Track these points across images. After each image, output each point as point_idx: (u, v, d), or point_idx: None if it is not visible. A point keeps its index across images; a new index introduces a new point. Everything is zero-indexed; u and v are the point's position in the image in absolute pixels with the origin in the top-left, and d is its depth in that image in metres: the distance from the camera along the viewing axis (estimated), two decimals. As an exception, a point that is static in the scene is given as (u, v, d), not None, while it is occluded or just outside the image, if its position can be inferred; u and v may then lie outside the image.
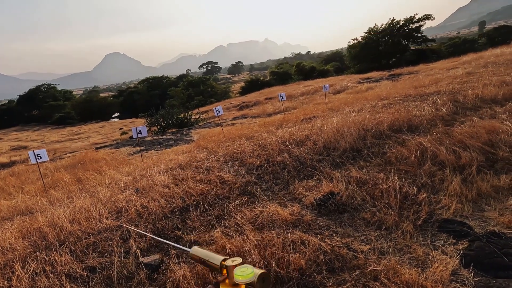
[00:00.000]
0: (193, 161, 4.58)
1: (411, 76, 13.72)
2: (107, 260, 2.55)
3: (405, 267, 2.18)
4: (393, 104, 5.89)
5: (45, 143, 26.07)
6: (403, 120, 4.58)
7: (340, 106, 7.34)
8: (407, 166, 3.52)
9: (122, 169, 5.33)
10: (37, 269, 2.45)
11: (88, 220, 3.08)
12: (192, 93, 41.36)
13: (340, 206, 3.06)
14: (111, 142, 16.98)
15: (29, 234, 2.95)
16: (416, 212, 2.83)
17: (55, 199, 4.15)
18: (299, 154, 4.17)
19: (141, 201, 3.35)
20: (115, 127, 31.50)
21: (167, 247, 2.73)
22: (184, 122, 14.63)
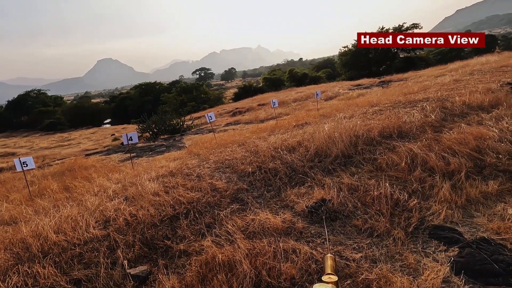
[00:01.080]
0: (184, 168, 4.53)
1: (400, 83, 13.96)
2: (93, 272, 2.47)
3: (396, 275, 2.17)
4: (384, 111, 5.96)
5: (34, 149, 25.50)
6: (393, 127, 4.62)
7: (331, 113, 7.39)
8: (397, 172, 3.53)
9: (112, 177, 5.23)
10: (18, 282, 2.35)
11: (74, 230, 2.99)
12: (185, 99, 41.22)
13: (332, 213, 3.04)
14: (102, 148, 16.72)
15: (12, 246, 2.84)
16: (407, 219, 2.83)
17: (40, 208, 4.03)
18: (291, 161, 4.16)
19: (130, 210, 3.28)
20: (106, 133, 31.08)
21: (156, 257, 2.66)
22: (176, 128, 14.52)
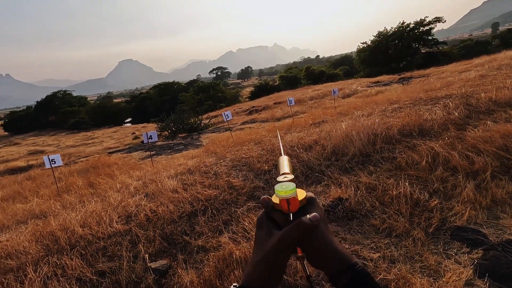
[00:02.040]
0: (202, 166, 4.62)
1: (421, 79, 13.50)
2: (116, 265, 2.58)
3: (416, 276, 2.12)
4: (404, 108, 5.79)
5: (61, 147, 26.77)
6: (413, 124, 4.49)
7: (349, 110, 7.27)
8: (418, 172, 3.44)
9: (133, 174, 5.42)
10: (48, 272, 2.50)
11: (98, 224, 3.14)
12: (202, 98, 41.78)
13: (349, 212, 3.02)
14: (123, 146, 17.29)
15: (42, 238, 3.02)
16: (427, 219, 2.76)
17: (67, 203, 4.25)
18: (307, 159, 4.14)
19: (150, 206, 3.39)
20: (127, 132, 32.10)
21: (175, 252, 2.75)
22: (194, 127, 14.78)
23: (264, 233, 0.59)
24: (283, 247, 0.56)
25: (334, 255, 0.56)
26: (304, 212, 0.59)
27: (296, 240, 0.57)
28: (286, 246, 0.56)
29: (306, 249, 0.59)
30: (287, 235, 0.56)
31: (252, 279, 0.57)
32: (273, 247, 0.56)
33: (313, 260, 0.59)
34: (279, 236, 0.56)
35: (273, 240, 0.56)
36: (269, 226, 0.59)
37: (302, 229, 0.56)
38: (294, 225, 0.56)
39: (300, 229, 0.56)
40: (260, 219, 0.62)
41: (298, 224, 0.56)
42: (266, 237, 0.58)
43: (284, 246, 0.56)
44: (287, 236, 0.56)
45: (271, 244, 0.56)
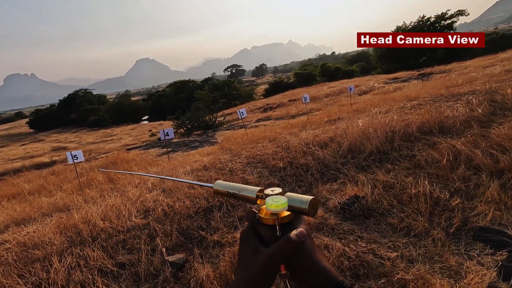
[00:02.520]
0: (217, 162, 4.67)
1: (442, 75, 13.02)
2: (135, 257, 2.66)
3: (436, 277, 2.07)
4: (423, 105, 5.62)
5: (82, 144, 27.78)
6: (434, 122, 4.35)
7: (366, 107, 7.12)
8: (438, 170, 3.34)
9: (150, 170, 5.55)
10: (72, 263, 2.61)
11: (118, 218, 3.24)
12: (217, 96, 42.10)
13: (366, 211, 2.97)
14: (141, 143, 17.73)
15: (66, 230, 3.15)
16: (448, 219, 2.68)
17: (89, 197, 4.41)
18: (323, 157, 4.10)
19: (167, 201, 3.47)
20: (144, 129, 32.86)
21: (192, 247, 2.80)
22: (209, 124, 14.93)
23: (250, 250, 0.55)
24: (271, 267, 0.53)
25: (320, 273, 0.54)
26: (290, 227, 0.57)
27: (284, 258, 0.54)
28: (274, 264, 0.53)
29: (291, 267, 0.56)
30: (275, 253, 0.53)
31: None
32: (260, 267, 0.53)
33: (298, 278, 0.56)
34: (267, 255, 0.53)
35: (261, 259, 0.53)
36: (256, 242, 0.56)
37: (290, 246, 0.53)
38: (282, 243, 0.53)
39: (288, 247, 0.53)
40: (245, 234, 0.58)
41: (286, 241, 0.53)
42: (252, 255, 0.54)
43: (271, 265, 0.53)
44: (274, 255, 0.53)
45: (258, 263, 0.53)
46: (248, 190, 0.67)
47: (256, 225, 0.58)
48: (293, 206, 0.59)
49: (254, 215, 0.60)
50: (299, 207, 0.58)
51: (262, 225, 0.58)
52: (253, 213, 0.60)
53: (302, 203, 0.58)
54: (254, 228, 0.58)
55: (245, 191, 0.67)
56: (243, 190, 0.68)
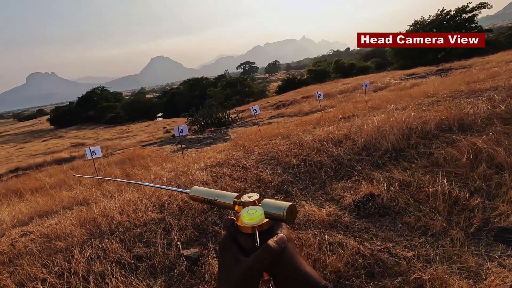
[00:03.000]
0: (230, 159, 4.70)
1: (463, 70, 12.56)
2: (151, 250, 2.74)
3: (454, 278, 2.02)
4: (442, 102, 5.45)
5: (99, 140, 28.60)
6: (453, 119, 4.22)
7: (381, 104, 6.98)
8: (457, 169, 3.24)
9: (165, 166, 5.66)
10: (92, 254, 2.71)
11: (135, 212, 3.33)
12: (230, 93, 42.28)
13: (381, 209, 2.93)
14: (155, 140, 18.07)
15: (86, 223, 3.27)
16: (467, 219, 2.60)
17: (107, 192, 4.55)
18: (337, 154, 4.06)
19: (182, 196, 3.53)
20: (159, 126, 33.45)
21: (206, 241, 2.85)
22: (222, 121, 15.03)
23: (230, 259, 0.54)
24: (252, 276, 0.52)
25: (303, 279, 0.53)
26: (270, 233, 0.56)
27: (265, 267, 0.53)
28: (254, 274, 0.52)
29: (273, 273, 0.55)
30: (255, 263, 0.52)
31: None
32: (241, 276, 0.52)
33: (281, 284, 0.55)
34: (246, 265, 0.52)
35: (240, 269, 0.52)
36: (235, 251, 0.55)
37: (270, 255, 0.52)
38: (262, 251, 0.52)
39: (268, 255, 0.52)
40: (224, 243, 0.57)
41: (266, 249, 0.52)
42: (232, 264, 0.53)
43: (252, 274, 0.52)
44: (255, 264, 0.52)
45: (238, 273, 0.52)
46: (225, 196, 0.66)
47: (234, 234, 0.57)
48: (270, 213, 0.57)
49: (232, 223, 0.58)
50: (276, 214, 0.57)
51: (240, 233, 0.57)
52: (231, 220, 0.59)
53: (279, 210, 0.57)
54: (232, 236, 0.57)
55: (222, 198, 0.66)
56: (220, 197, 0.66)
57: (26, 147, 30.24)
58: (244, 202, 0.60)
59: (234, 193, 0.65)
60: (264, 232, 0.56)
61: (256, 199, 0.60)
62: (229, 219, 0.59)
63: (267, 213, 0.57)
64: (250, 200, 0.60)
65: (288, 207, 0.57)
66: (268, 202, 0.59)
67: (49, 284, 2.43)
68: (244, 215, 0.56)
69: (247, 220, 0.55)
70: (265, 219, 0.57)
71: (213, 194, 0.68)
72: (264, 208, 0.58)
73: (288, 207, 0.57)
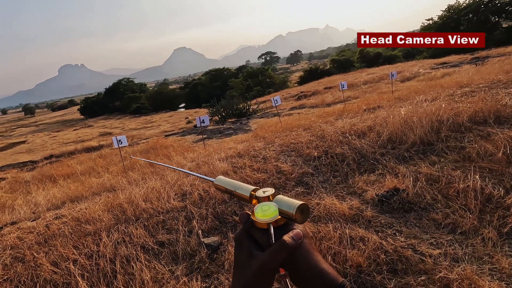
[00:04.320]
0: (251, 150, 4.71)
1: (501, 58, 11.66)
2: (173, 237, 2.82)
3: (484, 279, 1.92)
4: (476, 92, 5.10)
5: (125, 130, 29.73)
6: (488, 111, 3.93)
7: (409, 95, 6.66)
8: (491, 164, 3.03)
9: (187, 155, 5.78)
10: (118, 238, 2.84)
11: (158, 200, 3.44)
12: (251, 84, 42.16)
13: (406, 204, 2.82)
14: (178, 130, 18.49)
15: (112, 208, 3.43)
16: (501, 218, 2.44)
17: (132, 180, 4.73)
18: (360, 146, 3.94)
19: (203, 186, 3.60)
20: (181, 117, 34.16)
21: (226, 231, 2.89)
22: (243, 112, 15.07)
23: (245, 254, 0.54)
24: (267, 271, 0.52)
25: (320, 275, 0.52)
26: (286, 229, 0.55)
27: (279, 263, 0.53)
28: (269, 269, 0.52)
29: (289, 268, 0.54)
30: (270, 259, 0.51)
31: None
32: (256, 272, 0.51)
33: (297, 280, 0.54)
34: (261, 261, 0.52)
35: (255, 264, 0.52)
36: (250, 246, 0.54)
37: (285, 251, 0.52)
38: (277, 247, 0.52)
39: (283, 251, 0.52)
40: (239, 238, 0.57)
41: (281, 245, 0.52)
42: (247, 259, 0.53)
43: (267, 270, 0.52)
44: (270, 260, 0.51)
45: (253, 268, 0.51)
46: (243, 188, 0.65)
47: (250, 228, 0.56)
48: (281, 211, 0.56)
49: (248, 218, 0.58)
50: (286, 212, 0.55)
51: (256, 228, 0.56)
52: (247, 215, 0.58)
53: (289, 208, 0.55)
54: (248, 231, 0.56)
55: (240, 190, 0.65)
56: (238, 188, 0.66)
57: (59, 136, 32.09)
58: (258, 197, 0.59)
59: (252, 186, 0.64)
60: (280, 227, 0.56)
61: (271, 194, 0.59)
62: (245, 213, 0.59)
63: (279, 210, 0.56)
64: (265, 195, 0.59)
65: (298, 206, 0.55)
66: (281, 198, 0.58)
67: (79, 264, 2.58)
68: (258, 211, 0.55)
69: (260, 216, 0.55)
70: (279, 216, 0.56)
71: (233, 185, 0.67)
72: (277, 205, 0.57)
73: (298, 206, 0.55)
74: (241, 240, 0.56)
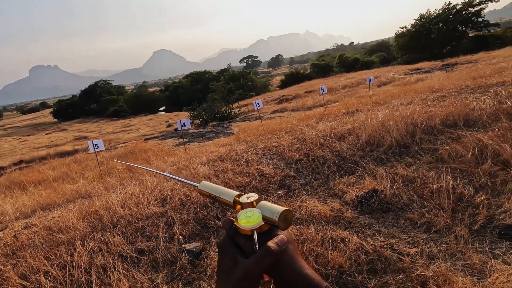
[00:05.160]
0: (233, 153, 4.68)
1: (469, 65, 12.38)
2: (153, 244, 2.74)
3: (458, 275, 2.00)
4: (447, 97, 5.37)
5: (102, 133, 28.68)
6: (458, 114, 4.15)
7: (385, 99, 6.91)
8: (462, 165, 3.20)
9: (168, 160, 5.66)
10: (94, 247, 2.72)
11: (137, 206, 3.34)
12: (232, 87, 42.13)
13: (384, 205, 2.90)
14: (158, 133, 18.08)
15: (88, 216, 3.28)
16: (472, 216, 2.57)
17: (109, 185, 4.56)
18: (340, 149, 4.03)
19: (184, 191, 3.53)
20: (161, 120, 33.46)
21: (208, 236, 2.84)
22: (224, 115, 15.00)
23: (229, 261, 0.54)
24: (251, 278, 0.51)
25: (304, 281, 0.52)
26: (270, 234, 0.55)
27: (265, 269, 0.52)
28: (254, 275, 0.51)
29: (273, 275, 0.54)
30: (255, 264, 0.51)
31: None
32: (240, 278, 0.51)
33: (281, 286, 0.54)
34: (245, 267, 0.51)
35: (240, 271, 0.51)
36: (234, 252, 0.54)
37: (270, 256, 0.51)
38: (262, 253, 0.52)
39: (268, 258, 0.51)
40: (223, 244, 0.56)
41: (265, 251, 0.52)
42: (232, 266, 0.53)
43: (251, 276, 0.51)
44: (254, 266, 0.51)
45: (238, 275, 0.51)
46: (227, 194, 0.65)
47: (233, 235, 0.56)
48: (265, 217, 0.56)
49: (231, 224, 0.58)
50: (270, 218, 0.55)
51: (239, 235, 0.56)
52: (230, 221, 0.58)
53: (272, 215, 0.55)
54: (231, 237, 0.56)
55: (224, 195, 0.65)
56: (222, 194, 0.65)
57: (30, 140, 30.43)
58: (242, 203, 0.59)
59: (236, 192, 0.63)
60: (264, 233, 0.56)
61: (255, 200, 0.59)
62: (228, 220, 0.59)
63: (263, 216, 0.56)
64: (248, 201, 0.59)
65: (281, 212, 0.55)
66: (264, 204, 0.58)
67: (51, 277, 2.44)
68: (241, 218, 0.55)
69: (243, 223, 0.54)
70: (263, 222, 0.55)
71: (217, 191, 0.67)
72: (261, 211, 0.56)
73: (281, 212, 0.55)
74: (224, 247, 0.56)
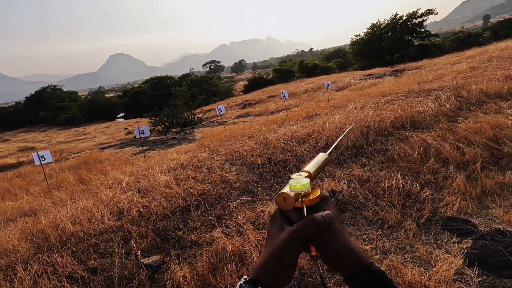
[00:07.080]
0: (195, 160, 4.58)
1: (414, 71, 13.56)
2: (108, 261, 2.55)
3: (407, 267, 2.15)
4: (396, 101, 5.82)
5: (52, 144, 26.34)
6: (406, 117, 4.51)
7: (342, 103, 7.27)
8: (410, 163, 3.47)
9: (125, 169, 5.35)
10: (39, 270, 2.46)
11: (90, 221, 3.10)
12: (195, 92, 41.43)
13: (342, 205, 3.03)
14: (116, 142, 17.09)
15: (32, 236, 2.97)
16: (419, 210, 2.79)
17: (58, 200, 4.18)
18: (300, 152, 4.14)
19: (142, 202, 3.36)
20: (120, 127, 31.69)
21: (168, 248, 2.73)
22: (187, 121, 14.65)
23: (276, 227, 0.59)
24: (294, 241, 0.56)
25: (349, 256, 0.55)
26: (317, 210, 0.59)
27: (307, 235, 0.56)
28: (297, 240, 0.56)
29: (320, 249, 0.58)
30: (298, 229, 0.56)
31: (262, 272, 0.55)
32: (284, 240, 0.56)
33: (328, 260, 0.58)
34: (290, 230, 0.56)
35: (284, 234, 0.56)
36: (282, 221, 0.59)
37: (314, 225, 0.56)
38: (306, 221, 0.56)
39: (312, 225, 0.56)
40: (274, 215, 0.63)
41: (310, 219, 0.56)
42: (278, 231, 0.58)
43: (294, 240, 0.55)
44: (298, 230, 0.56)
45: (282, 238, 0.56)
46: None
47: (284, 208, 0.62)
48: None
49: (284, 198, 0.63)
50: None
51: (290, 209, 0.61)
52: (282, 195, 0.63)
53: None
54: (282, 210, 0.61)
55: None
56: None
57: (-36, 153, 26.85)
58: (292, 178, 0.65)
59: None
60: (312, 207, 0.60)
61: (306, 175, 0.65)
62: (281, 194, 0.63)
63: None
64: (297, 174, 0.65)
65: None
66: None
67: (-14, 308, 2.16)
68: (291, 182, 0.60)
69: (292, 187, 0.59)
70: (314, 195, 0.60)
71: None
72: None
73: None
74: (275, 217, 0.62)
